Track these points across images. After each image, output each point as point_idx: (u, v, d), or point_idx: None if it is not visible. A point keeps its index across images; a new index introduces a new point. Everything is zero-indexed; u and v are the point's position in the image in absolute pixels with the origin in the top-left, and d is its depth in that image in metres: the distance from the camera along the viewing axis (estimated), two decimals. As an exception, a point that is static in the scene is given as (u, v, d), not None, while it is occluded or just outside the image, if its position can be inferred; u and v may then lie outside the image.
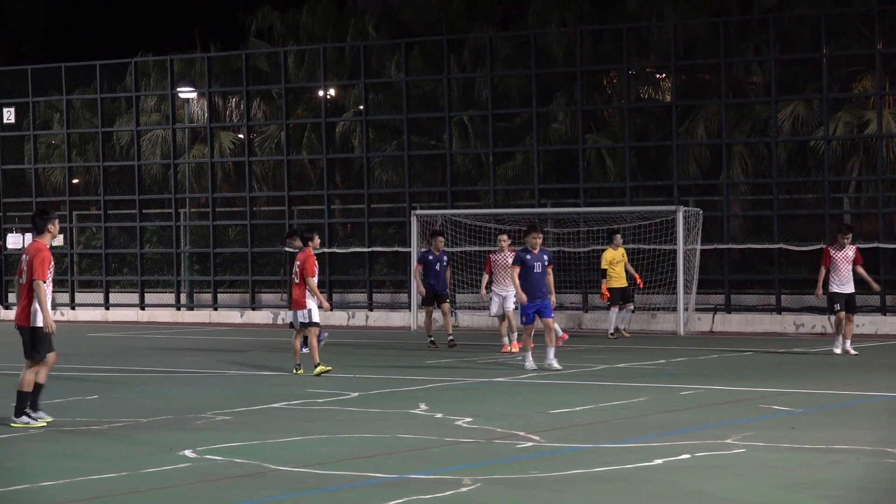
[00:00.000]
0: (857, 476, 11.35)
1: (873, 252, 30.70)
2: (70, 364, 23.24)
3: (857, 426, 14.42)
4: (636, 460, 12.13)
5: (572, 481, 11.21)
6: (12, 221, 39.70)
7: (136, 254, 38.32)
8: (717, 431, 13.91)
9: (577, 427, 14.58)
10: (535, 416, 15.36)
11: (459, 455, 12.68)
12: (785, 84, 32.82)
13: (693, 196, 32.88)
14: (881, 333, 29.52)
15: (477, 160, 36.64)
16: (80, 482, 11.40)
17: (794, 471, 11.59)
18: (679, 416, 15.42)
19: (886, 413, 15.74)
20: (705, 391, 18.04)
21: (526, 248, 21.06)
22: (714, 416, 15.43)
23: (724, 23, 32.96)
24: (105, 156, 39.24)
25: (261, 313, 35.67)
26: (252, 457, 12.55)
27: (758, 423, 14.72)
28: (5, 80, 40.28)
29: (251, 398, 17.37)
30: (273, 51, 40.28)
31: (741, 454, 12.49)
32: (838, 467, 11.78)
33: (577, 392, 17.98)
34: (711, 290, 32.06)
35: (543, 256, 21.03)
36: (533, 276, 20.86)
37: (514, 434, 13.88)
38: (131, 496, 10.80)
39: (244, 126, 38.41)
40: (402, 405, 16.56)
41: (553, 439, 13.56)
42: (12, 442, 13.78)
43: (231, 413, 15.75)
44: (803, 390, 17.98)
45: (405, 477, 11.43)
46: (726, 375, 20.45)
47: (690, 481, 11.10)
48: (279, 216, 37.01)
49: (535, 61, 34.36)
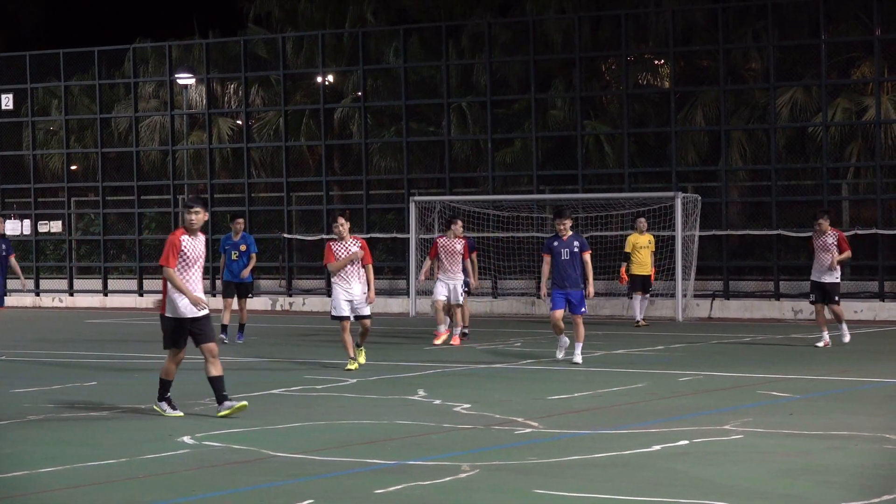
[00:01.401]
0: (855, 462, 11.35)
1: (871, 238, 30.76)
2: (68, 350, 23.27)
3: (856, 412, 14.43)
4: (634, 446, 12.14)
5: (570, 467, 11.22)
6: (11, 208, 39.67)
7: (135, 240, 38.35)
8: (716, 418, 13.92)
9: (576, 413, 14.58)
10: (534, 403, 15.37)
11: (458, 441, 12.69)
12: (783, 70, 32.80)
13: (691, 182, 32.88)
14: (879, 319, 29.54)
15: (475, 146, 36.63)
16: (80, 468, 11.40)
17: (793, 457, 11.59)
18: (677, 403, 15.44)
19: (885, 399, 15.75)
20: (704, 377, 18.05)
21: (556, 234, 19.91)
22: (712, 402, 15.44)
23: (722, 9, 32.95)
24: (103, 142, 39.24)
25: (259, 299, 35.66)
26: (251, 443, 12.55)
27: (756, 410, 14.74)
28: (3, 67, 40.23)
29: (249, 385, 17.37)
30: (271, 37, 40.24)
31: (739, 440, 12.50)
32: (836, 453, 11.78)
33: (576, 378, 17.99)
34: (710, 277, 32.07)
35: (574, 243, 19.70)
36: (560, 264, 19.65)
37: (513, 420, 13.89)
38: (130, 482, 10.80)
39: (242, 112, 38.40)
40: (401, 391, 16.57)
41: (551, 425, 13.57)
42: (11, 428, 13.78)
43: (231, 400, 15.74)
44: (801, 376, 18.00)
45: (404, 463, 11.43)
46: (724, 362, 20.47)
47: (689, 467, 11.11)
48: (278, 202, 37.00)
49: (534, 48, 34.37)
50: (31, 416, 14.55)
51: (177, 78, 38.01)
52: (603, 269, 32.16)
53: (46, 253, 40.48)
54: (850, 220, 31.73)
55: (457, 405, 15.09)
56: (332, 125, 38.25)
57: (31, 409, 15.05)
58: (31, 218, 39.55)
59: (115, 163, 40.53)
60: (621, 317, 30.92)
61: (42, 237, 39.85)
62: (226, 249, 24.10)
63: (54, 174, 41.41)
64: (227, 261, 24.04)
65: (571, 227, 20.10)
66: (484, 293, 33.43)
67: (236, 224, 24.00)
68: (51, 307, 38.61)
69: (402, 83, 35.60)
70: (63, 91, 39.57)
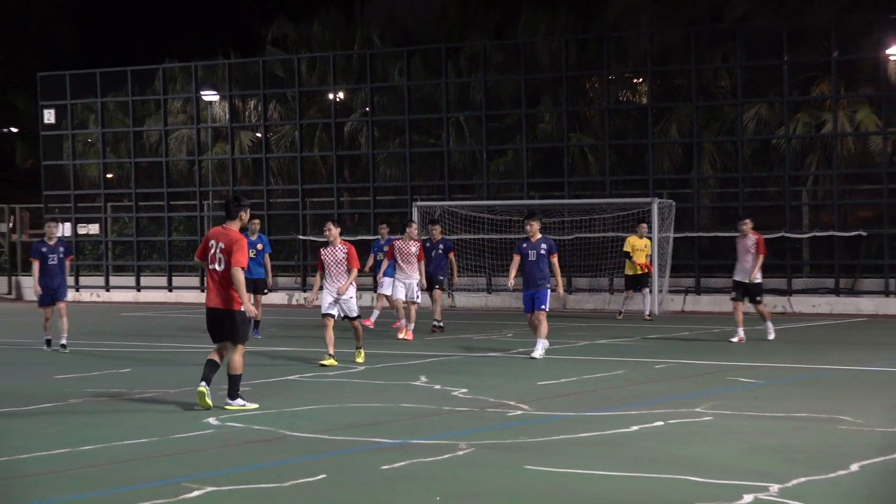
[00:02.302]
0: (813, 441, 11.37)
1: (828, 240, 30.79)
2: (105, 340, 23.27)
3: (814, 396, 14.45)
4: (615, 427, 12.15)
5: (557, 446, 11.23)
6: (53, 212, 39.68)
7: (165, 241, 38.39)
8: (688, 401, 13.93)
9: (562, 397, 14.59)
10: (524, 388, 15.37)
11: (456, 422, 12.70)
12: (750, 88, 32.78)
13: (667, 189, 32.85)
14: (835, 313, 29.55)
15: (472, 157, 36.59)
16: (115, 447, 11.42)
17: (758, 436, 11.61)
18: (653, 388, 15.44)
19: (839, 384, 15.76)
20: (677, 365, 18.06)
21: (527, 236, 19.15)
22: (685, 387, 15.45)
23: (694, 32, 32.98)
24: (136, 153, 39.28)
25: (276, 295, 35.67)
26: (269, 424, 12.56)
27: (725, 394, 14.75)
28: (46, 85, 40.26)
29: (268, 371, 17.38)
30: (287, 58, 40.18)
31: (710, 422, 12.51)
32: (797, 433, 11.80)
33: (562, 366, 17.99)
34: (683, 274, 32.06)
35: (542, 245, 18.85)
36: (527, 265, 18.90)
37: (505, 403, 13.90)
38: (161, 459, 10.82)
39: (261, 126, 38.38)
40: (404, 377, 16.58)
41: (540, 408, 13.58)
42: (54, 410, 13.79)
43: (250, 384, 15.76)
44: (765, 364, 18.01)
45: (407, 442, 11.44)
46: (696, 351, 20.47)
47: (664, 446, 11.12)
48: (293, 207, 37.07)
49: (525, 67, 34.42)
50: (72, 400, 14.57)
51: (202, 95, 38.01)
52: (586, 267, 32.23)
53: (85, 253, 40.48)
54: (810, 223, 31.74)
55: (455, 390, 15.10)
56: (343, 137, 38.21)
57: (72, 394, 15.07)
58: (71, 221, 39.59)
59: (147, 171, 40.51)
60: (603, 310, 30.91)
61: (81, 238, 39.89)
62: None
63: (92, 182, 41.36)
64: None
65: (541, 229, 19.27)
66: (479, 289, 33.45)
67: (253, 225, 23.11)
68: (89, 301, 38.62)
69: (405, 99, 35.62)
70: (100, 107, 39.56)
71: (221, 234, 13.69)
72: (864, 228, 30.73)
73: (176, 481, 9.77)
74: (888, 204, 30.28)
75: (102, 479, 10.00)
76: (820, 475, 9.74)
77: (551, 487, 9.48)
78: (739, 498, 8.94)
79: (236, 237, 13.56)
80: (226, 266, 13.46)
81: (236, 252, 13.41)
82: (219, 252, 13.51)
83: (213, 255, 13.55)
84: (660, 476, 9.78)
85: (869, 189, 31.71)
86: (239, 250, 13.43)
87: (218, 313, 13.56)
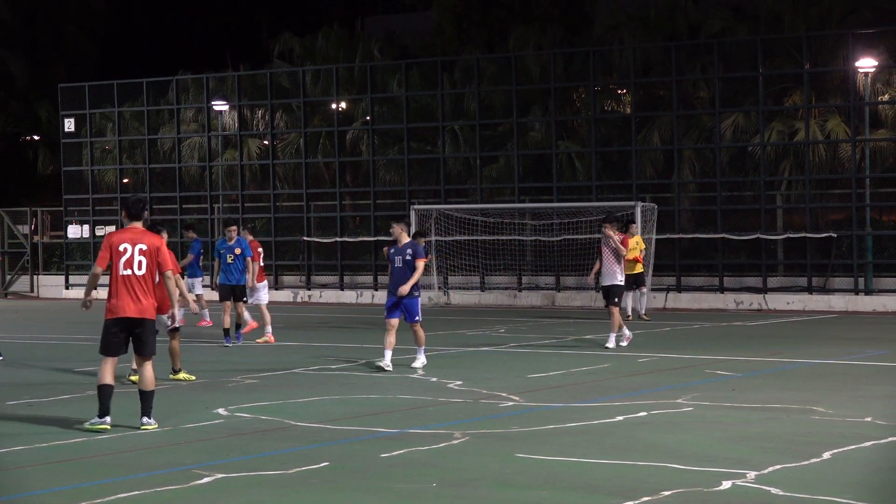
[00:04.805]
0: (787, 430, 11.35)
1: (801, 241, 30.78)
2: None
3: (788, 388, 14.42)
4: (601, 417, 12.13)
5: (547, 435, 11.20)
6: (73, 215, 39.65)
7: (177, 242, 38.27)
8: (670, 393, 13.91)
9: (551, 389, 14.57)
10: (515, 380, 15.35)
11: (451, 413, 12.67)
12: (727, 98, 32.78)
13: (649, 193, 32.83)
14: (808, 310, 29.54)
15: (466, 163, 36.55)
16: (131, 435, 11.39)
17: (735, 426, 11.59)
18: (637, 380, 15.43)
19: (812, 376, 15.74)
20: (660, 358, 18.03)
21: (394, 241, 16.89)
22: (667, 379, 15.43)
23: (675, 46, 32.97)
24: (150, 159, 39.22)
25: (282, 293, 35.64)
26: (275, 414, 12.54)
27: (704, 386, 14.73)
28: (66, 96, 40.22)
29: (274, 365, 17.35)
30: (293, 70, 40.14)
31: (690, 412, 12.49)
32: (771, 423, 11.78)
33: (551, 359, 17.97)
34: (665, 273, 32.03)
35: (407, 251, 16.51)
36: (393, 271, 16.63)
37: (498, 395, 13.87)
38: (174, 447, 10.80)
39: (269, 134, 38.36)
40: (402, 371, 16.54)
41: (531, 399, 13.55)
42: (73, 401, 13.75)
43: (257, 377, 15.74)
44: (742, 358, 17.99)
45: (405, 431, 11.41)
46: (677, 345, 20.45)
47: (647, 435, 11.10)
48: (298, 210, 37.05)
49: (516, 79, 34.42)
50: (90, 392, 14.51)
51: (213, 105, 37.95)
52: (573, 266, 32.17)
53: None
54: (784, 225, 31.72)
55: (450, 382, 15.07)
56: (345, 145, 38.16)
57: (90, 386, 15.00)
58: (89, 223, 39.52)
59: (161, 177, 40.44)
60: (590, 307, 30.88)
61: (99, 240, 39.76)
62: (220, 253, 20.94)
63: (109, 186, 41.29)
64: (223, 264, 21.07)
65: (412, 234, 17.36)
66: (472, 287, 33.40)
67: (230, 231, 20.96)
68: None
69: (404, 109, 35.61)
70: (116, 116, 39.51)
71: (139, 235, 11.83)
72: (834, 230, 30.73)
73: (187, 468, 9.74)
74: (857, 207, 30.29)
75: (118, 466, 9.97)
76: (794, 462, 9.71)
77: (541, 474, 9.45)
78: (718, 484, 8.91)
79: (160, 239, 12.01)
80: (148, 270, 11.78)
81: (167, 255, 11.90)
82: (138, 254, 11.74)
83: (130, 259, 11.71)
84: (643, 463, 9.76)
85: (839, 193, 31.73)
86: (168, 253, 11.99)
87: (132, 323, 11.83)
